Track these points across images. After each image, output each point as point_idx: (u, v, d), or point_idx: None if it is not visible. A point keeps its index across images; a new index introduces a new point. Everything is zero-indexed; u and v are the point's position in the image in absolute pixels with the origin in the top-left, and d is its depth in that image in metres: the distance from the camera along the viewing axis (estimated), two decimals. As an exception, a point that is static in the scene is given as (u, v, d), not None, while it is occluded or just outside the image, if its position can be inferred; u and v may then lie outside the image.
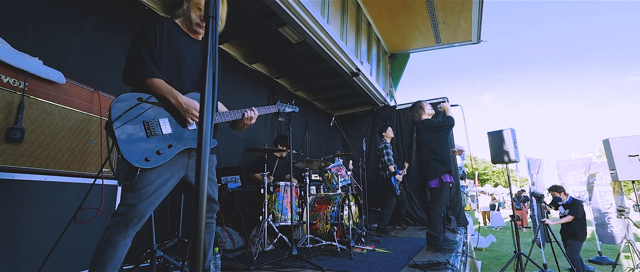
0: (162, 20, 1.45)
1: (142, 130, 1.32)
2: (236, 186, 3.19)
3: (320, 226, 3.20)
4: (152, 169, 1.31)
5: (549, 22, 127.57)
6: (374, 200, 5.61)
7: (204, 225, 0.50)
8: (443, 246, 2.93)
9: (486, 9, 5.18)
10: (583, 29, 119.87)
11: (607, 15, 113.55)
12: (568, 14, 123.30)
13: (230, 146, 3.96)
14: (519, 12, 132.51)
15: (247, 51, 4.34)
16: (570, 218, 4.79)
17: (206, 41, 0.56)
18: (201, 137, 0.51)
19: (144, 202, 1.29)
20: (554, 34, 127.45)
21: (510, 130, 4.97)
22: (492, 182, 37.05)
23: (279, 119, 1.99)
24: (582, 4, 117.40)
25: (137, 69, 1.34)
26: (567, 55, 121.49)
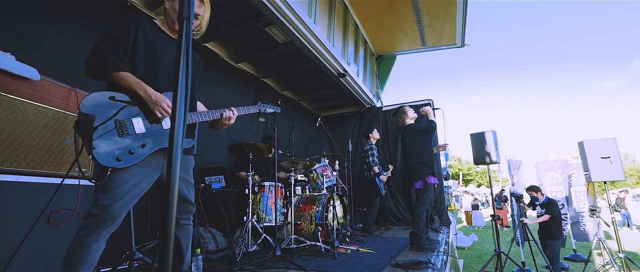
0: (137, 18, 1.42)
1: (114, 129, 1.29)
2: (220, 186, 3.16)
3: (305, 226, 3.21)
4: (125, 169, 1.28)
5: (531, 27, 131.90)
6: (359, 200, 5.66)
7: (173, 227, 0.50)
8: (425, 245, 2.99)
9: (472, 13, 5.32)
10: (562, 34, 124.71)
11: (584, 22, 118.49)
12: (549, 20, 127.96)
13: (215, 146, 3.92)
14: (504, 16, 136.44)
15: (233, 50, 4.30)
16: (547, 217, 4.98)
17: (180, 42, 0.56)
18: (172, 138, 0.50)
19: (117, 203, 1.26)
20: (536, 39, 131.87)
21: (492, 132, 5.12)
22: (475, 183, 37.99)
23: (259, 119, 1.97)
24: (562, 10, 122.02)
25: (100, 62, 1.31)
26: (548, 59, 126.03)
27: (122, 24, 1.38)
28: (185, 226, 1.60)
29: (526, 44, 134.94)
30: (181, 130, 0.52)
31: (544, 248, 5.18)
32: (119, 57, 1.35)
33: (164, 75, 1.46)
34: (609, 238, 7.27)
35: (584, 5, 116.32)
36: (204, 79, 3.84)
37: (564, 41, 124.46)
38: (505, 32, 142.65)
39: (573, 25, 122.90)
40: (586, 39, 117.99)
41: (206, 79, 3.97)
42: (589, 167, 5.14)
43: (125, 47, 1.37)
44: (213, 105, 1.73)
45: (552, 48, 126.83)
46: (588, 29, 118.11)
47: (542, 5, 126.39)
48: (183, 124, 0.53)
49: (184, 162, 1.58)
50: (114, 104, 1.33)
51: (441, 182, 5.71)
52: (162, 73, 1.45)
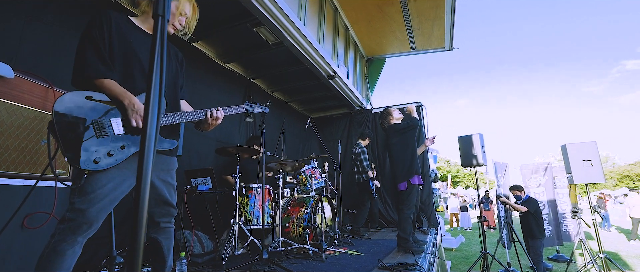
0: (109, 14, 1.37)
1: (91, 130, 1.24)
2: (207, 188, 3.10)
3: (293, 228, 3.18)
4: (103, 171, 1.23)
5: (518, 31, 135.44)
6: (349, 202, 5.66)
7: (143, 231, 0.48)
8: (412, 247, 3.00)
9: (460, 18, 5.41)
10: (547, 39, 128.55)
11: (568, 28, 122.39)
12: (535, 24, 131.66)
13: (202, 147, 3.85)
14: (491, 20, 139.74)
15: (222, 50, 4.24)
16: (524, 209, 5.20)
17: (154, 40, 0.53)
18: (144, 139, 0.48)
19: (94, 207, 1.21)
20: (523, 44, 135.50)
21: (479, 135, 5.20)
22: (463, 185, 38.60)
23: (246, 119, 1.94)
24: (548, 16, 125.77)
25: (84, 69, 1.26)
26: (534, 64, 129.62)
27: (96, 22, 1.33)
28: (167, 229, 1.56)
29: (513, 49, 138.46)
30: (154, 132, 0.50)
31: (528, 248, 5.30)
32: (105, 63, 1.30)
33: (141, 74, 1.41)
34: (590, 239, 7.47)
35: (569, 9, 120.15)
36: (192, 80, 3.81)
37: (549, 46, 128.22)
38: (493, 36, 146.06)
39: (558, 31, 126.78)
40: (571, 44, 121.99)
41: (194, 79, 3.92)
42: (571, 170, 5.28)
43: (104, 47, 1.32)
44: (200, 106, 1.70)
45: (538, 53, 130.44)
46: (572, 34, 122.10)
47: (528, 10, 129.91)
48: (156, 126, 0.50)
49: (166, 164, 1.54)
50: (92, 103, 1.27)
51: (429, 184, 5.77)
52: (140, 72, 1.41)
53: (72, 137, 1.19)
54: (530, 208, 5.27)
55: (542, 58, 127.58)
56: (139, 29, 1.48)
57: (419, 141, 5.86)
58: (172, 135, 1.55)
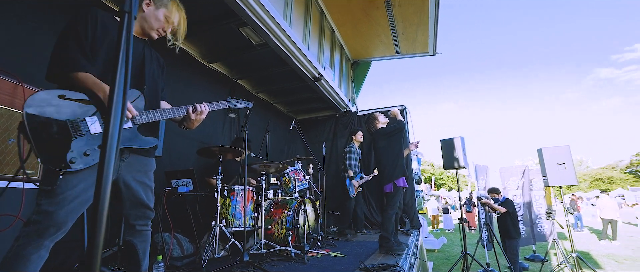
0: (95, 12, 1.34)
1: (66, 129, 1.20)
2: (188, 189, 3.04)
3: (276, 230, 3.16)
4: (76, 172, 1.19)
5: (501, 38, 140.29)
6: (333, 204, 5.67)
7: (102, 234, 0.46)
8: (394, 249, 3.04)
9: (443, 24, 5.54)
10: (527, 47, 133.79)
11: (545, 37, 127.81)
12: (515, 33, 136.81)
13: (184, 148, 3.77)
14: (475, 25, 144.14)
15: (206, 50, 4.18)
16: (504, 209, 5.39)
17: (119, 37, 0.52)
18: (106, 138, 0.47)
19: (63, 209, 1.16)
20: (505, 50, 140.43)
21: (460, 138, 5.34)
22: (446, 187, 39.45)
23: (229, 115, 1.93)
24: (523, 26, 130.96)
25: (63, 62, 1.22)
26: (515, 70, 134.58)
27: (81, 18, 1.30)
28: (142, 232, 1.52)
29: (494, 55, 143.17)
30: (117, 132, 0.49)
31: (505, 248, 5.48)
32: (86, 57, 1.26)
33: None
34: (564, 239, 7.79)
35: (547, 18, 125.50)
36: (174, 79, 3.73)
37: (529, 54, 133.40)
38: (475, 43, 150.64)
39: (536, 39, 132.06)
40: (549, 51, 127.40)
41: (176, 79, 3.84)
42: (546, 173, 5.49)
43: (87, 43, 1.29)
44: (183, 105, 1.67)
45: (518, 60, 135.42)
46: (551, 42, 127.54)
47: (509, 18, 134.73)
48: (119, 125, 0.49)
49: (143, 165, 1.50)
50: (66, 102, 1.23)
51: (412, 186, 5.87)
52: None
53: (46, 137, 1.14)
54: (508, 208, 5.49)
55: (521, 65, 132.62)
56: None
57: (404, 143, 5.95)
58: (152, 133, 1.52)
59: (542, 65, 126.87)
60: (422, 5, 4.88)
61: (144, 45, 1.53)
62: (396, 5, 4.96)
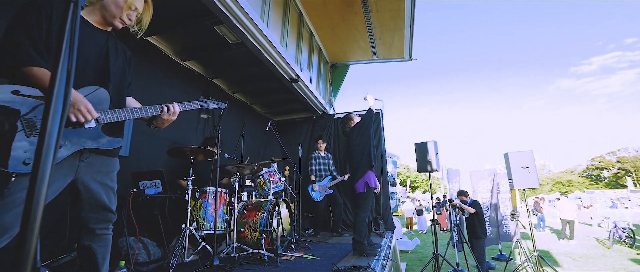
0: (50, 2, 1.25)
1: (20, 128, 1.11)
2: (156, 191, 2.92)
3: (249, 233, 3.10)
4: (27, 174, 1.11)
5: (473, 49, 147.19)
6: (310, 206, 5.66)
7: (34, 240, 0.43)
8: (367, 251, 3.07)
9: (420, 31, 5.72)
10: (495, 58, 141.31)
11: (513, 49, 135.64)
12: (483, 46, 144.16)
13: (153, 148, 3.62)
14: (448, 35, 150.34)
15: (180, 47, 4.05)
16: (473, 210, 5.64)
17: (62, 28, 0.49)
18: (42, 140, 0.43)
19: (9, 213, 1.07)
20: (478, 59, 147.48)
21: (433, 142, 5.51)
22: (421, 189, 40.61)
23: (201, 115, 1.88)
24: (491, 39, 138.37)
25: (13, 57, 1.13)
26: (485, 79, 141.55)
27: (33, 7, 1.20)
28: (102, 236, 1.43)
29: (468, 64, 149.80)
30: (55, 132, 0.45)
31: (473, 248, 5.72)
32: (38, 50, 1.17)
33: (80, 68, 1.30)
34: (527, 238, 8.24)
35: (513, 31, 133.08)
36: (144, 76, 3.59)
37: (497, 65, 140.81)
38: (450, 49, 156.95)
39: (504, 51, 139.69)
40: (517, 61, 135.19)
41: (147, 76, 3.68)
42: (512, 176, 5.79)
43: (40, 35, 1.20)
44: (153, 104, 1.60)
45: (488, 70, 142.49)
46: (519, 53, 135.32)
47: (480, 28, 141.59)
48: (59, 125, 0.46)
49: (105, 165, 1.42)
50: (20, 99, 1.14)
51: (387, 188, 5.98)
52: (79, 66, 1.29)
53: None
54: (477, 208, 5.78)
55: (492, 74, 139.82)
56: (84, 21, 1.37)
57: (379, 147, 6.07)
58: (114, 133, 1.44)
59: (511, 74, 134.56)
60: (397, 13, 5.01)
61: (108, 37, 1.45)
62: (373, 11, 5.06)
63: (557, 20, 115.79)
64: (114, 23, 1.42)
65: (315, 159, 5.21)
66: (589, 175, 49.85)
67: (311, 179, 4.97)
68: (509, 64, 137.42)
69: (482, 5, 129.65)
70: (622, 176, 42.98)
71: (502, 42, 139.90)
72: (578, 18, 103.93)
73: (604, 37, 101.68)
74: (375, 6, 4.95)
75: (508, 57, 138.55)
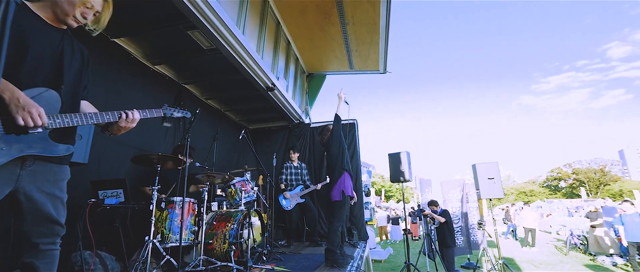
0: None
1: None
2: (117, 201, 2.74)
3: (217, 245, 2.98)
4: None
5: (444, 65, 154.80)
6: (284, 216, 5.56)
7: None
8: (339, 261, 3.05)
9: (394, 46, 5.91)
10: (464, 75, 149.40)
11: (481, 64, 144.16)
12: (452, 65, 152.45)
13: (116, 155, 3.42)
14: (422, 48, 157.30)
15: (150, 50, 3.90)
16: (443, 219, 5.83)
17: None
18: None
19: None
20: (448, 76, 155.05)
21: (406, 152, 5.65)
22: (395, 199, 41.37)
23: (164, 124, 1.78)
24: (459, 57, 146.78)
25: None
26: (456, 96, 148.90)
27: None
28: (47, 252, 1.31)
29: (440, 77, 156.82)
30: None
31: (442, 257, 5.87)
32: None
33: (31, 66, 1.20)
34: (494, 247, 8.59)
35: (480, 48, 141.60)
36: (111, 79, 3.41)
37: (466, 82, 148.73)
38: (424, 63, 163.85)
39: (472, 68, 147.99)
40: (485, 77, 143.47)
41: (113, 78, 3.49)
42: (479, 186, 6.04)
43: None
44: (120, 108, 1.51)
45: (458, 87, 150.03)
46: (487, 69, 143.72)
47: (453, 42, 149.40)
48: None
49: (53, 173, 1.31)
50: None
51: (362, 197, 6.02)
52: (29, 64, 1.20)
53: None
54: (446, 217, 5.97)
55: (462, 89, 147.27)
56: (35, 16, 1.27)
57: (354, 157, 6.12)
58: (64, 139, 1.34)
59: (480, 89, 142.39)
60: (373, 26, 5.15)
61: (63, 36, 1.35)
62: (350, 24, 5.17)
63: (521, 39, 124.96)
64: (67, 21, 1.32)
65: (287, 169, 5.19)
66: (548, 185, 53.27)
67: (281, 188, 4.92)
68: (478, 79, 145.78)
69: (452, 24, 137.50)
70: (577, 187, 46.34)
71: (471, 58, 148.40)
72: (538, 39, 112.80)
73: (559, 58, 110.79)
74: (352, 19, 5.07)
75: (477, 72, 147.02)
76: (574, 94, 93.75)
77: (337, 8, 4.71)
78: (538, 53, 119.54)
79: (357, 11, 4.83)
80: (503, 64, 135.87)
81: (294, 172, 5.21)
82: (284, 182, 5.07)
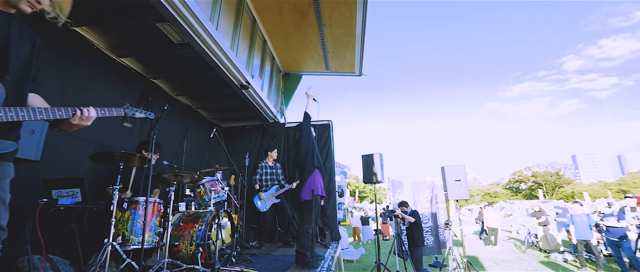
0: None
1: None
2: (73, 201, 2.56)
3: (184, 247, 2.87)
4: None
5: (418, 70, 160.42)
6: (255, 217, 5.48)
7: None
8: (309, 262, 3.04)
9: (370, 49, 6.01)
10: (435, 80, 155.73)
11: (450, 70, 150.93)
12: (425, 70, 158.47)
13: (74, 151, 3.19)
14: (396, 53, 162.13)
15: (115, 42, 3.68)
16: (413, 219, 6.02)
17: None
18: None
19: None
20: (421, 80, 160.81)
21: (379, 154, 5.76)
22: (369, 199, 42.12)
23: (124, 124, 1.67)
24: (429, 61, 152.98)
25: None
26: (428, 100, 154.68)
27: None
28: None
29: (413, 82, 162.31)
30: None
31: (411, 256, 6.06)
32: None
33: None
34: (460, 245, 8.99)
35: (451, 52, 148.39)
36: (68, 70, 3.18)
37: (437, 87, 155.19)
38: (397, 67, 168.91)
39: (442, 73, 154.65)
40: (455, 83, 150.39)
41: (71, 69, 3.26)
42: (447, 188, 6.28)
43: None
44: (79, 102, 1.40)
45: (432, 88, 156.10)
46: (456, 75, 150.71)
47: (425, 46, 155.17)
48: None
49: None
50: None
51: (335, 198, 6.07)
52: None
53: None
54: (416, 217, 6.17)
55: (433, 93, 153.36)
56: None
57: (328, 158, 6.15)
58: (8, 134, 1.22)
59: (450, 95, 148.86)
60: (349, 29, 5.21)
61: (12, 20, 1.23)
62: (327, 25, 5.19)
63: (490, 47, 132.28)
64: (18, 5, 1.21)
65: (262, 169, 5.10)
66: (510, 187, 56.70)
67: (256, 189, 4.84)
68: (449, 85, 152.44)
69: (425, 28, 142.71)
70: (535, 188, 49.72)
71: (442, 64, 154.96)
72: (504, 48, 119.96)
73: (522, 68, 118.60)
74: (328, 21, 5.09)
75: (447, 78, 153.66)
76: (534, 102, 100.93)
77: (314, 9, 4.72)
78: (503, 62, 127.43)
79: (334, 13, 4.86)
80: (471, 71, 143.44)
81: (269, 172, 5.13)
82: (259, 182, 4.96)
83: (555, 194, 48.93)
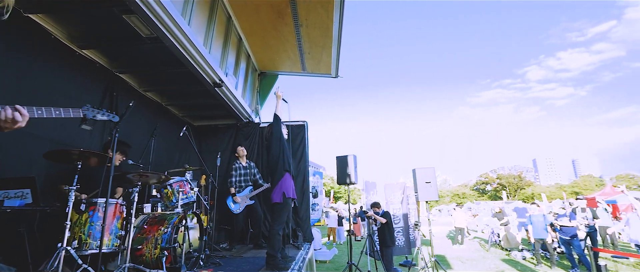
0: None
1: None
2: (22, 203, 2.36)
3: (147, 251, 2.74)
4: None
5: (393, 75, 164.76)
6: (227, 218, 5.35)
7: None
8: (279, 265, 3.01)
9: (347, 51, 6.07)
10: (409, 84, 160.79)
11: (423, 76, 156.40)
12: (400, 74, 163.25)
13: (26, 149, 2.95)
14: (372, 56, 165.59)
15: (77, 33, 3.45)
16: (384, 220, 6.13)
17: None
18: None
19: None
20: (395, 84, 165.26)
21: (353, 156, 5.83)
22: (343, 200, 42.53)
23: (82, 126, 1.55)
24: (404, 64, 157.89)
25: None
26: (402, 102, 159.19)
27: None
28: None
29: (388, 84, 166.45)
30: None
31: (382, 256, 6.19)
32: None
33: None
34: (428, 245, 9.31)
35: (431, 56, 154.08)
36: (25, 60, 2.93)
37: (410, 91, 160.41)
38: (372, 70, 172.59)
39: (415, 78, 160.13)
40: (432, 88, 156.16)
41: (28, 60, 3.00)
42: (418, 190, 6.48)
43: None
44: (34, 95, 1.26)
45: (405, 93, 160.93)
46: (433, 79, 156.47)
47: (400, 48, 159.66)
48: None
49: None
50: None
51: (308, 199, 6.06)
52: None
53: None
54: (387, 218, 6.33)
55: (407, 97, 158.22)
56: None
57: (303, 158, 6.14)
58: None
59: (423, 98, 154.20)
60: (326, 31, 5.23)
61: None
62: (304, 26, 5.18)
63: (461, 50, 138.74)
64: None
65: (237, 170, 4.99)
66: (477, 188, 59.61)
67: (231, 192, 4.72)
68: (422, 89, 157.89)
69: (402, 31, 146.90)
70: (500, 190, 52.62)
71: (416, 69, 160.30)
72: (475, 54, 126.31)
73: (490, 75, 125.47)
74: (305, 21, 5.08)
75: (420, 82, 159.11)
76: (501, 108, 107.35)
77: (291, 9, 4.69)
78: (473, 69, 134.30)
79: (310, 14, 4.86)
80: (444, 75, 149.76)
81: (244, 173, 5.04)
82: (234, 184, 4.84)
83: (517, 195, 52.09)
